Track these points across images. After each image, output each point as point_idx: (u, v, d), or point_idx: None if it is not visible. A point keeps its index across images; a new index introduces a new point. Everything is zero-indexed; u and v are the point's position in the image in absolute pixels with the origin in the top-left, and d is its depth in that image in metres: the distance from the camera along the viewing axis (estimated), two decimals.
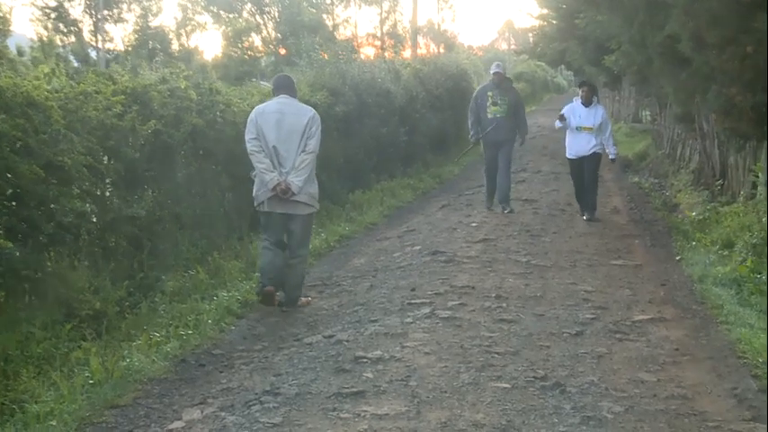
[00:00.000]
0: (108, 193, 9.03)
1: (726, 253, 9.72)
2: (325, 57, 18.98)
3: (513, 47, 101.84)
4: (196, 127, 10.32)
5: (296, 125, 8.23)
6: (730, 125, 11.57)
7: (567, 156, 13.36)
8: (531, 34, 53.83)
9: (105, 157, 8.82)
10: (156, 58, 43.08)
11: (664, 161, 20.36)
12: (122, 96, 9.05)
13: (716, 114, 12.21)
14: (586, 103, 13.13)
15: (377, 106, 17.37)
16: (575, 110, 13.17)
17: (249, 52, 62.28)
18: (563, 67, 53.19)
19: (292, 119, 8.26)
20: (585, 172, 13.04)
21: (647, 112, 30.48)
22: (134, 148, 9.02)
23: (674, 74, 13.78)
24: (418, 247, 10.88)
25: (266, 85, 18.60)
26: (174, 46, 61.29)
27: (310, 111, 8.52)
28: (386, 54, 50.98)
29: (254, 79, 34.26)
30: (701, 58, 11.32)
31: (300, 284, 8.62)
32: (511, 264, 9.79)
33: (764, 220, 9.88)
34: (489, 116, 13.51)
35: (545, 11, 39.97)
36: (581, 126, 12.99)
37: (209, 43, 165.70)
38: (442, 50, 67.74)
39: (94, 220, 8.54)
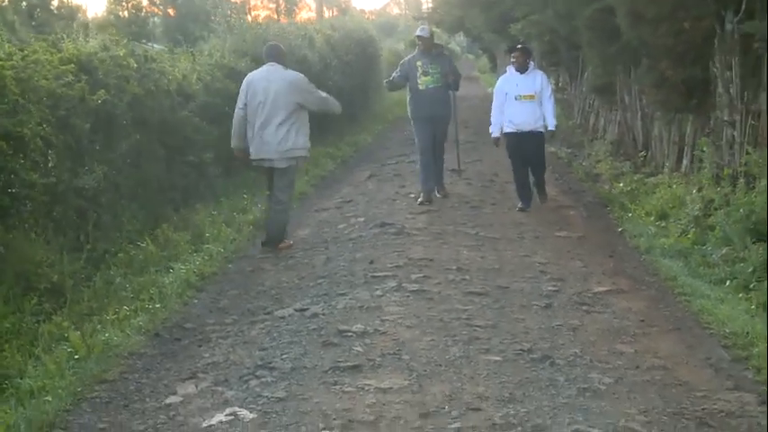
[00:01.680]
0: (53, 164, 8.91)
1: (663, 224, 10.14)
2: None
3: (405, 11, 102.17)
4: (136, 96, 10.24)
5: (280, 89, 9.57)
6: (660, 98, 12.07)
7: (505, 130, 11.78)
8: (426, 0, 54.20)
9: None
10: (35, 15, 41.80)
11: (575, 131, 20.90)
12: (72, 65, 8.92)
13: (647, 88, 12.69)
14: (522, 68, 11.68)
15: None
16: (509, 80, 11.77)
17: (136, 12, 60.77)
18: (462, 33, 53.66)
19: (276, 85, 9.60)
20: (530, 152, 11.79)
21: (552, 82, 31.09)
22: (84, 119, 8.91)
23: (603, 47, 14.25)
24: (362, 219, 11.08)
25: (159, 48, 18.47)
26: (55, 2, 59.37)
27: (292, 75, 9.86)
28: (281, 18, 50.57)
29: (144, 41, 33.59)
30: (634, 32, 11.74)
31: (282, 228, 9.92)
32: (461, 236, 10.06)
33: (700, 192, 10.32)
34: (421, 88, 12.21)
35: None
36: (521, 95, 11.56)
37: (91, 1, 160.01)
38: (335, 14, 67.42)
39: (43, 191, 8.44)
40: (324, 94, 10.17)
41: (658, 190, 11.53)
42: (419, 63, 12.32)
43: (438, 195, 12.46)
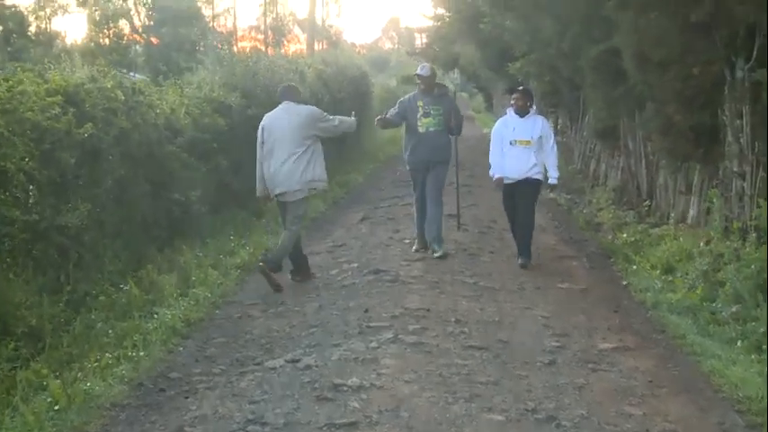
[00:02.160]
0: (35, 200, 8.88)
1: (670, 278, 10.15)
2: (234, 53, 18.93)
3: (397, 46, 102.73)
4: (123, 130, 10.25)
5: (294, 124, 10.32)
6: (667, 145, 12.10)
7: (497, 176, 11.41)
8: (421, 35, 54.58)
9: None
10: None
11: (575, 176, 20.97)
12: (59, 96, 8.93)
13: (652, 133, 12.73)
14: (521, 111, 11.30)
15: None
16: (507, 122, 11.41)
17: (117, 39, 60.82)
18: (457, 70, 54.00)
19: (291, 120, 10.37)
20: (519, 203, 11.33)
21: (551, 124, 31.21)
22: (69, 153, 8.90)
23: (607, 89, 14.31)
24: (355, 265, 11.07)
25: (141, 78, 18.52)
26: (32, 27, 59.45)
27: (306, 108, 10.74)
28: (268, 50, 50.75)
29: (125, 70, 33.57)
30: (640, 75, 11.80)
31: (284, 252, 10.42)
32: (459, 285, 10.06)
33: (708, 245, 10.35)
34: (421, 130, 11.69)
35: (441, 11, 40.59)
36: (516, 140, 11.16)
37: (71, 27, 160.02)
38: (325, 47, 67.81)
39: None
40: (336, 121, 10.79)
41: (664, 242, 11.56)
42: (420, 103, 11.82)
43: (435, 255, 11.60)
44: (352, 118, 11.14)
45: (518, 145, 11.18)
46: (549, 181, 11.47)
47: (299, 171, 10.24)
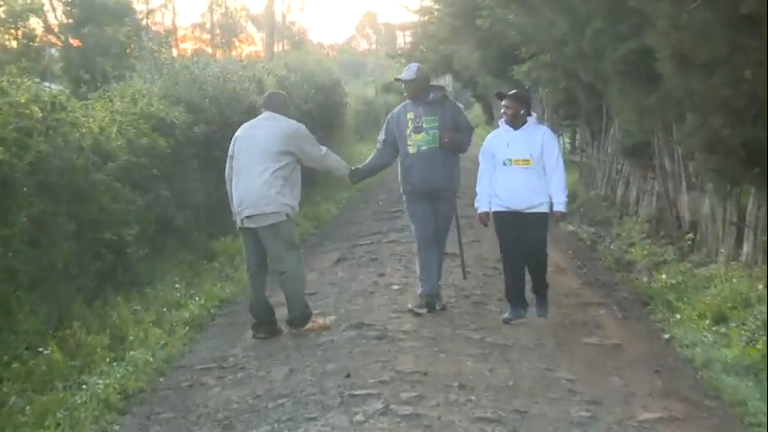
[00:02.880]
0: None
1: (723, 330, 10.10)
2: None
3: (375, 46, 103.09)
4: (41, 155, 10.16)
5: (271, 136, 10.34)
6: (713, 165, 12.05)
7: (493, 208, 10.96)
8: (404, 33, 54.72)
9: None
10: None
11: (599, 204, 20.98)
12: None
13: (695, 151, 12.71)
14: (515, 122, 10.80)
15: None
16: (499, 137, 10.97)
17: (28, 41, 60.63)
18: (449, 76, 54.15)
19: (266, 132, 10.42)
20: (526, 241, 10.86)
21: (567, 140, 31.31)
22: None
23: (637, 97, 14.29)
24: (333, 317, 11.01)
25: (59, 89, 18.45)
26: None
27: (289, 122, 10.69)
28: (217, 52, 50.86)
29: (37, 80, 33.36)
30: (679, 79, 11.76)
31: (299, 301, 10.52)
32: (462, 342, 9.99)
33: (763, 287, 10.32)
34: (411, 151, 11.25)
35: (429, 3, 40.62)
36: (511, 159, 10.68)
37: None
38: (286, 48, 68.05)
39: None
40: (324, 151, 10.90)
41: (713, 284, 11.51)
42: (410, 115, 11.32)
43: (437, 308, 11.30)
44: (345, 164, 11.36)
45: (514, 165, 10.69)
46: (555, 208, 10.76)
47: (274, 189, 10.15)
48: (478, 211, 11.12)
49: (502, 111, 11.05)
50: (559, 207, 10.73)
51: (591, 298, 12.47)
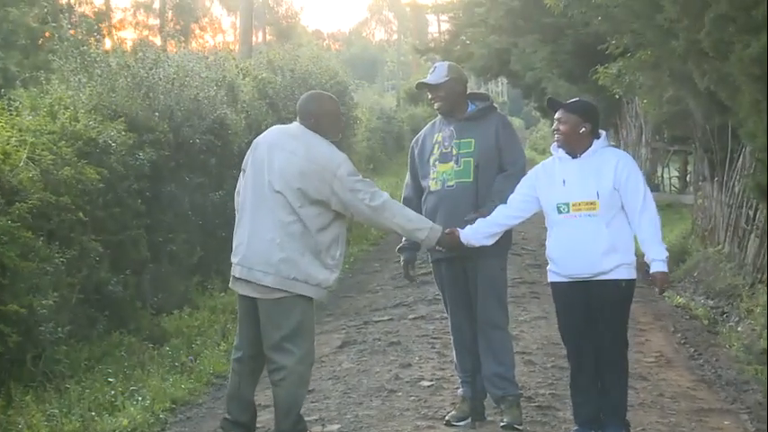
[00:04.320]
0: None
1: None
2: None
3: (396, 36, 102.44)
4: None
5: (285, 171, 9.35)
6: None
7: (550, 278, 10.45)
8: (438, 17, 54.55)
9: None
10: None
11: (722, 266, 20.92)
12: None
13: None
14: (573, 147, 10.17)
15: (206, 150, 17.81)
16: (551, 172, 10.31)
17: None
18: (503, 81, 54.03)
19: (284, 159, 9.41)
20: (596, 323, 10.08)
21: (675, 173, 31.23)
22: None
23: None
24: (336, 427, 11.06)
25: None
26: None
27: (325, 150, 9.51)
28: (168, 44, 51.02)
29: None
30: None
31: (293, 413, 9.58)
32: None
33: None
34: (433, 187, 10.65)
35: None
36: (570, 203, 9.99)
37: None
38: (269, 38, 68.21)
39: None
40: (382, 199, 9.64)
41: None
42: (438, 137, 10.78)
43: (502, 425, 10.63)
44: (427, 222, 10.09)
45: (573, 212, 10.00)
46: (652, 269, 10.01)
47: (282, 251, 9.19)
48: (462, 239, 10.24)
49: (553, 128, 10.44)
50: (659, 266, 9.93)
51: (711, 403, 12.36)
